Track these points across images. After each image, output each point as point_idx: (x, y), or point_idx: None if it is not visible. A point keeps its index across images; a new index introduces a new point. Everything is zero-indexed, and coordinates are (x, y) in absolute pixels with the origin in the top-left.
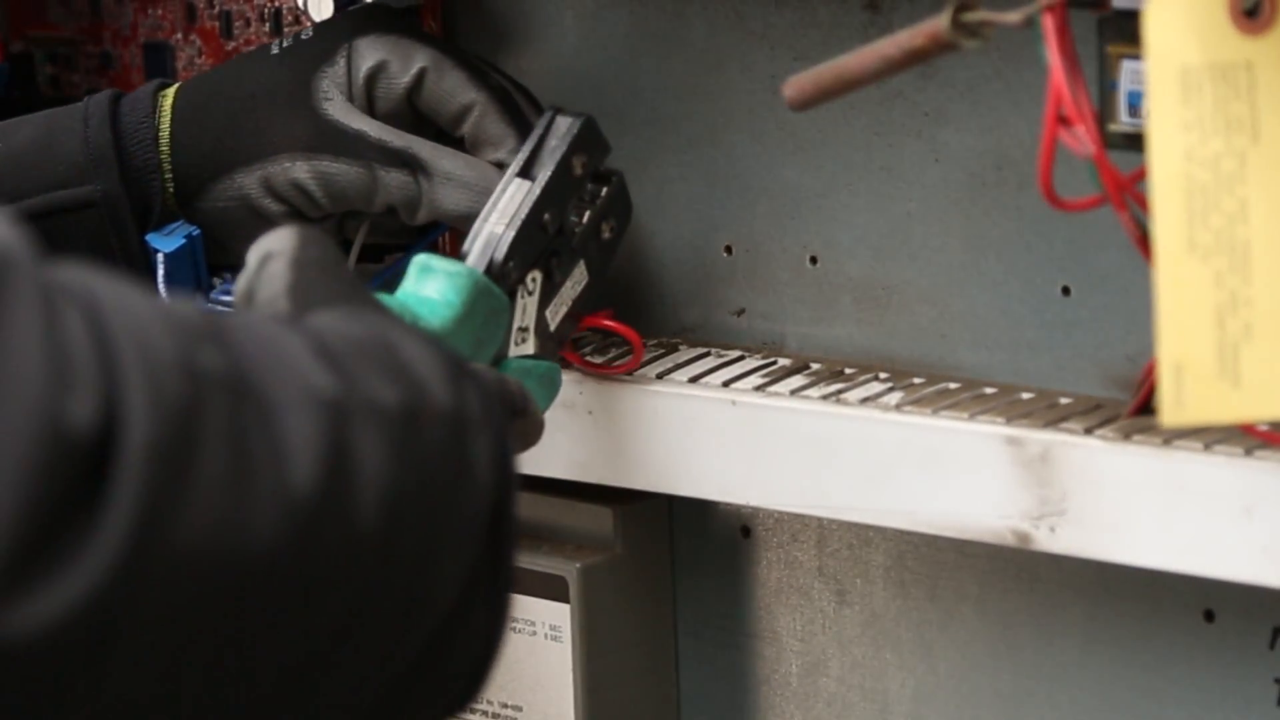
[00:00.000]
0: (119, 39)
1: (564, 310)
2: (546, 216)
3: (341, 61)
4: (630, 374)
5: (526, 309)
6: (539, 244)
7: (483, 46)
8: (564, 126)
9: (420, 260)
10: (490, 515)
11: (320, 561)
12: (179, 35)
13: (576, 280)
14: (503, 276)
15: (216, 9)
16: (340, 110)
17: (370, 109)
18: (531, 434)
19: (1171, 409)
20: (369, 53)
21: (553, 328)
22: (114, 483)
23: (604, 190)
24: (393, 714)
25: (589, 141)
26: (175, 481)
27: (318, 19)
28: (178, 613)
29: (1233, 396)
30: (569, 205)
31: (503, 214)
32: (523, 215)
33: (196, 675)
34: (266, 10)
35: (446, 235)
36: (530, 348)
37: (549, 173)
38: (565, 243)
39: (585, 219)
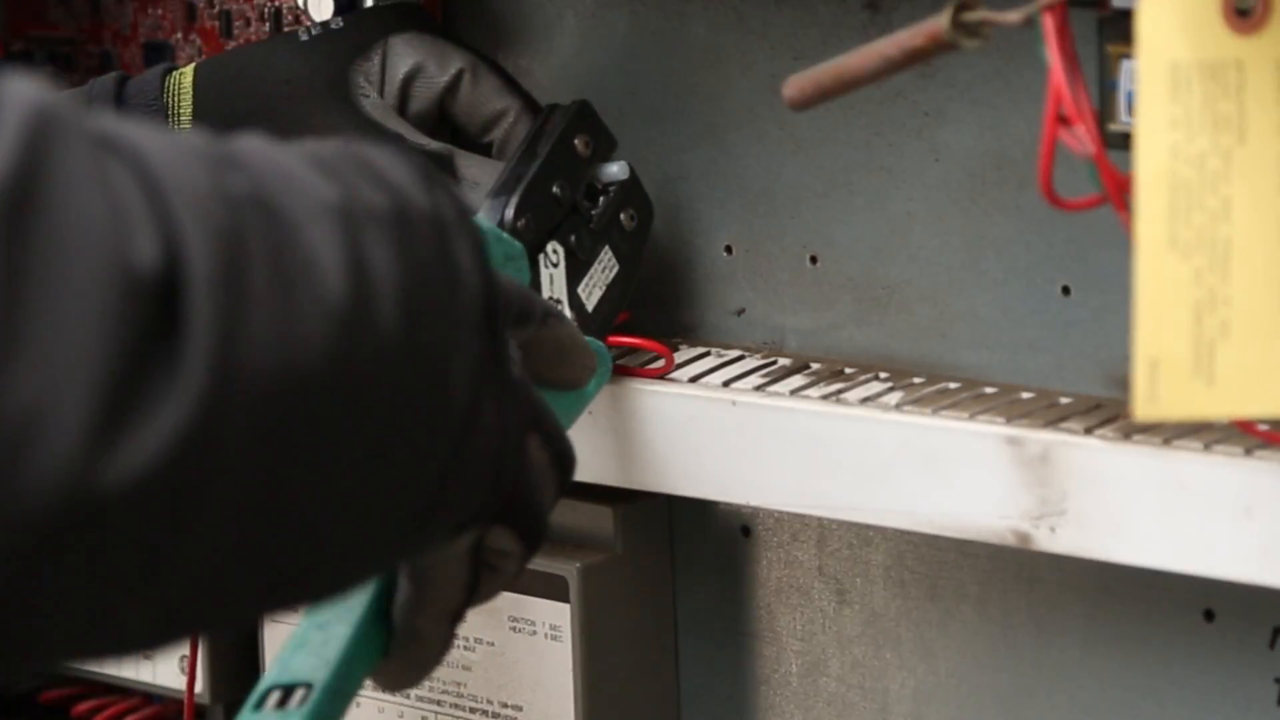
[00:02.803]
0: (119, 39)
1: (599, 293)
2: (555, 189)
3: (376, 59)
4: (663, 376)
5: (554, 280)
6: (552, 213)
7: (483, 46)
8: (561, 112)
9: None
10: (482, 310)
11: (359, 366)
12: (179, 35)
13: (605, 265)
14: (517, 234)
15: (216, 9)
16: (377, 109)
17: (402, 109)
18: (558, 343)
19: (1145, 403)
20: (406, 52)
21: (590, 308)
22: (186, 316)
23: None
24: (432, 522)
25: (588, 123)
26: (238, 306)
27: (318, 19)
28: (256, 438)
29: (1207, 393)
30: (579, 182)
31: (508, 184)
32: (528, 178)
33: (275, 499)
34: (267, 10)
35: None
36: None
37: (549, 146)
38: (583, 223)
39: (600, 203)
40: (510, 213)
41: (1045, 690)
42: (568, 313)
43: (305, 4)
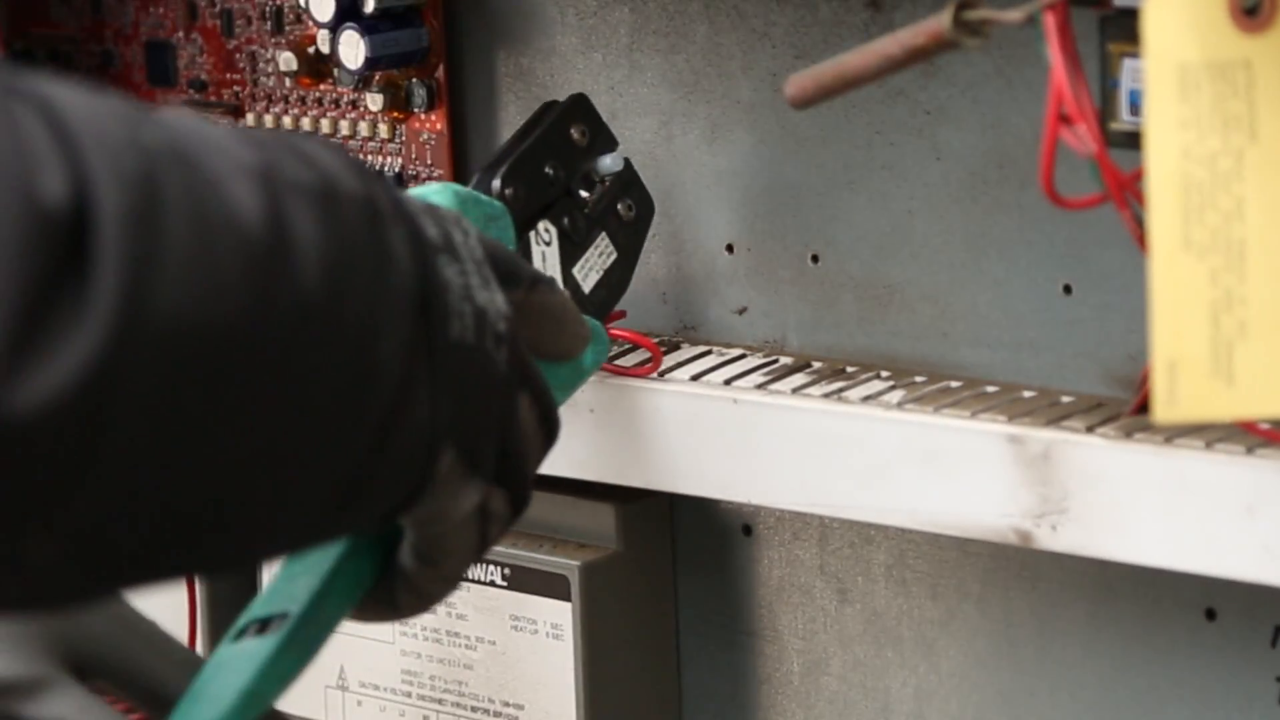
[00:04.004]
0: (120, 37)
1: (595, 277)
2: (548, 169)
3: None
4: (654, 375)
5: (547, 257)
6: (543, 191)
7: (483, 46)
8: (558, 105)
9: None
10: (417, 299)
11: (277, 321)
12: (180, 34)
13: (602, 251)
14: (504, 201)
15: (218, 7)
16: None
17: None
18: (550, 310)
19: (1165, 406)
20: None
21: (586, 290)
22: (94, 255)
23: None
24: (354, 503)
25: (584, 114)
26: (150, 248)
27: (320, 19)
28: (166, 381)
29: (1226, 394)
30: (574, 169)
31: (499, 158)
32: (519, 152)
33: (186, 442)
34: (268, 9)
35: None
36: None
37: (544, 128)
38: (578, 207)
39: (596, 191)
40: (498, 182)
41: (1047, 689)
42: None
43: (307, 4)
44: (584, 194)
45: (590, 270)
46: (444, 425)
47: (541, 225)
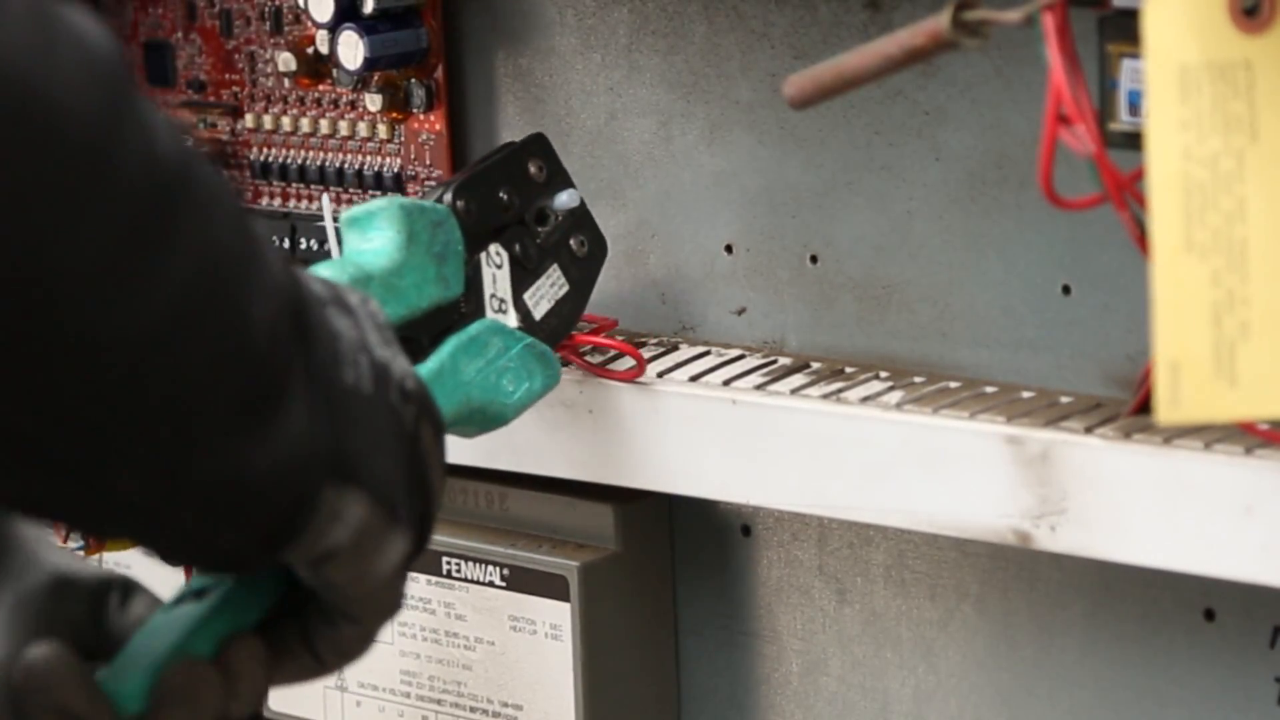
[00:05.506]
0: (119, 37)
1: (547, 306)
2: (503, 195)
3: None
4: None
5: (498, 280)
6: (496, 214)
7: (483, 46)
8: (514, 143)
9: (343, 217)
10: (291, 313)
11: (122, 155)
12: (179, 34)
13: (554, 281)
14: (454, 213)
15: (217, 8)
16: None
17: None
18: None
19: (1168, 407)
20: None
21: (537, 317)
22: None
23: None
24: (209, 454)
25: (543, 151)
26: None
27: (319, 19)
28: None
29: (1229, 395)
30: (529, 199)
31: (455, 177)
32: (474, 172)
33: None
34: (267, 9)
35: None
36: (512, 320)
37: (500, 156)
38: (530, 236)
39: (550, 224)
40: (449, 195)
41: (1045, 689)
42: (513, 315)
43: (306, 4)
44: (539, 229)
45: (541, 299)
46: (326, 458)
47: (493, 248)
